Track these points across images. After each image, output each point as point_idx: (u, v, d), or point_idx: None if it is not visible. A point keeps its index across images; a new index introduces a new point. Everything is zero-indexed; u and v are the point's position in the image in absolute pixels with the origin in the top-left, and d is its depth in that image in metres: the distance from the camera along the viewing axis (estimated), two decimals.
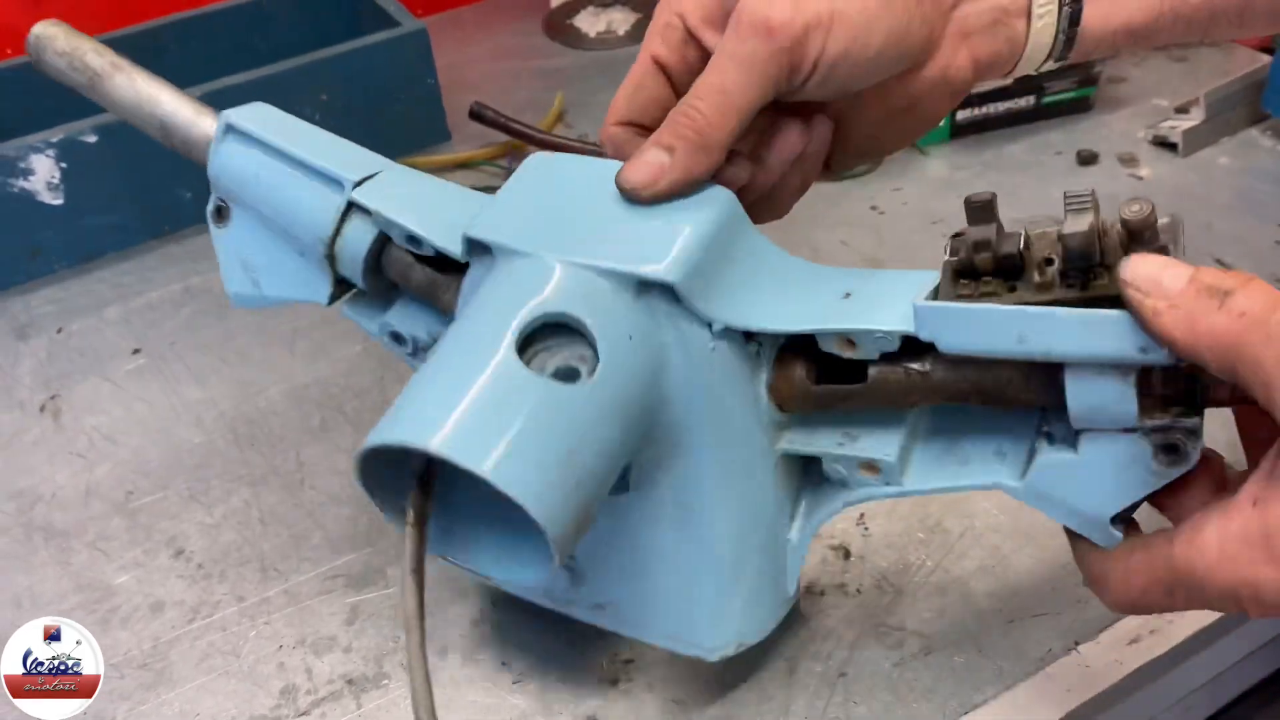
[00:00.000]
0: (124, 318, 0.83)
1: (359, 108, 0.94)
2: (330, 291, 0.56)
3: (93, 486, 0.69)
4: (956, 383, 0.44)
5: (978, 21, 0.51)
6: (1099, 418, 0.40)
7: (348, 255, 0.54)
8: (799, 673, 0.54)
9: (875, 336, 0.44)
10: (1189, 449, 0.39)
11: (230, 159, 0.58)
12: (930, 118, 0.54)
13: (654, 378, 0.45)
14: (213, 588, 0.62)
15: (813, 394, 0.47)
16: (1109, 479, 0.41)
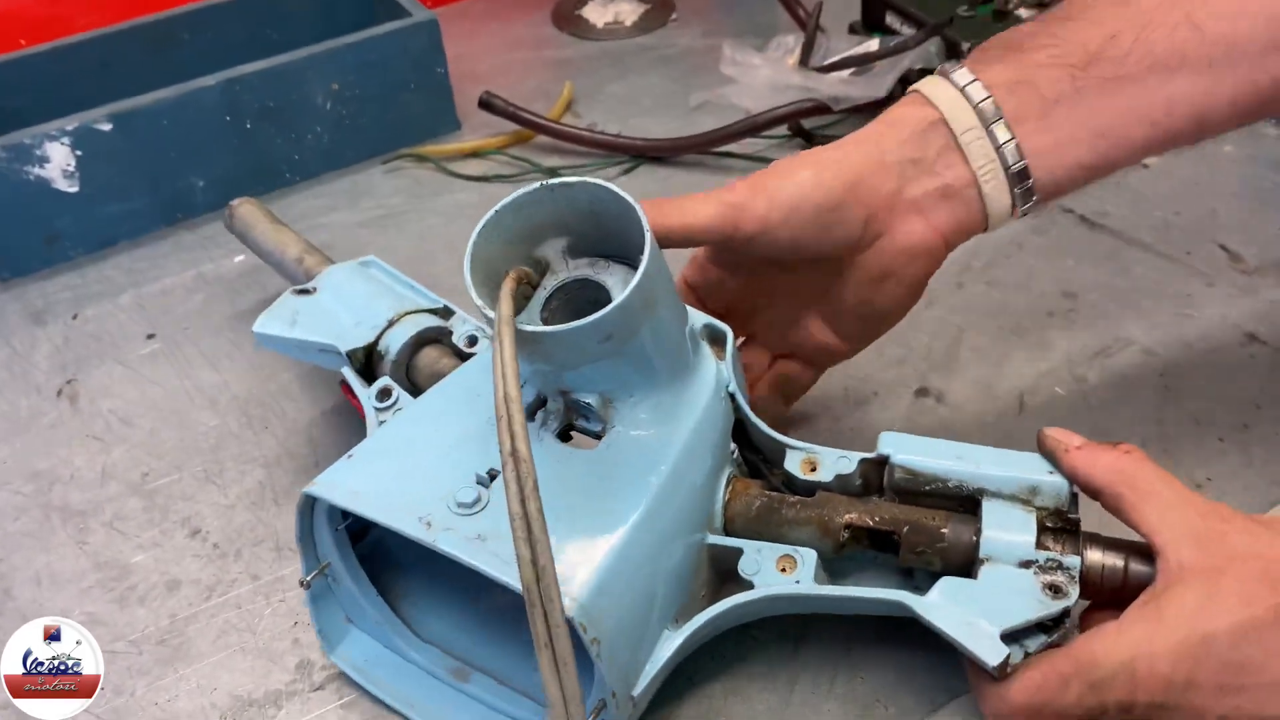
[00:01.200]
0: (138, 303, 0.84)
1: (370, 97, 0.94)
2: (357, 348, 0.63)
3: (109, 468, 0.70)
4: (892, 509, 0.51)
5: (926, 200, 0.55)
6: (1005, 540, 0.49)
7: (403, 329, 0.63)
8: (804, 648, 0.55)
9: (839, 456, 0.53)
10: (1069, 589, 0.47)
11: None
12: (911, 279, 0.57)
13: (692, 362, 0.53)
14: (228, 566, 0.63)
15: (764, 496, 0.53)
16: (1003, 599, 0.48)
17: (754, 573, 0.50)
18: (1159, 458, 0.63)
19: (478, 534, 0.46)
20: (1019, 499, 0.50)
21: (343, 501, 0.49)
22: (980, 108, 0.54)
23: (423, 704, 0.54)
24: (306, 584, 0.53)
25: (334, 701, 0.55)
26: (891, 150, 0.55)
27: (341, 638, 0.56)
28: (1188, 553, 0.46)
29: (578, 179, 0.47)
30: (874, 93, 0.91)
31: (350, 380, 0.62)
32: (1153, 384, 0.68)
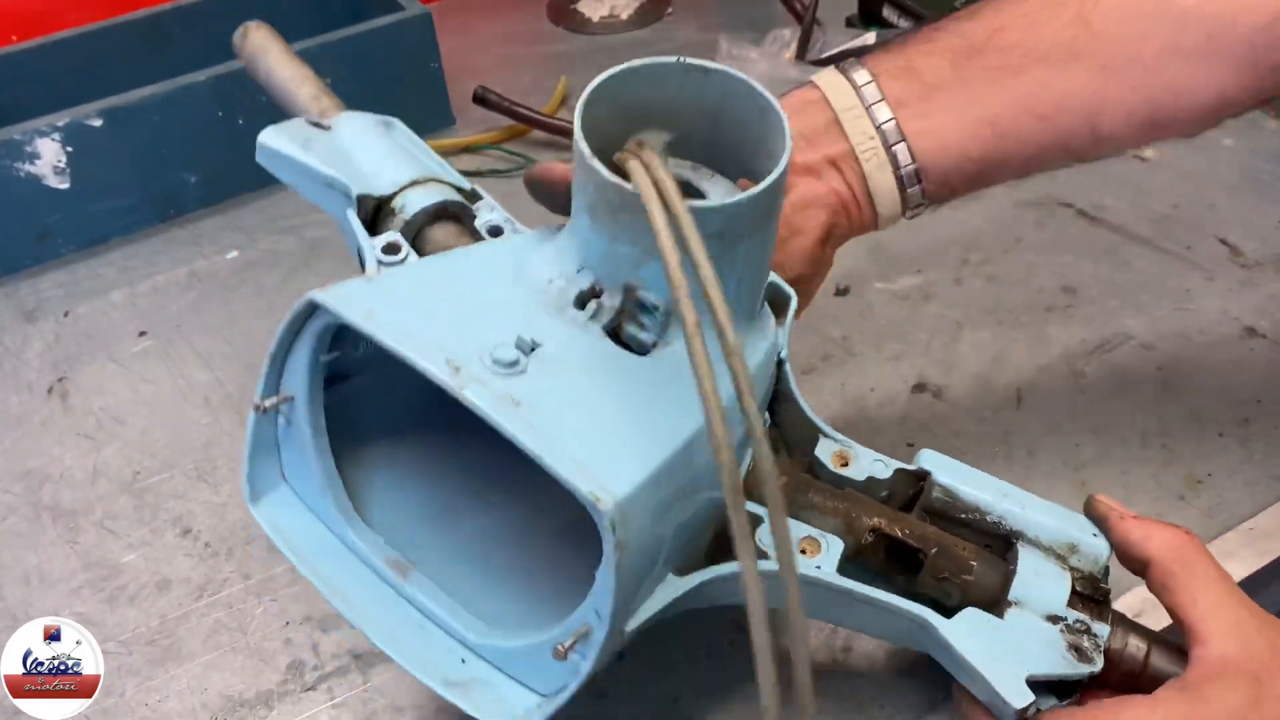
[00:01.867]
0: (130, 300, 0.83)
1: (363, 92, 0.93)
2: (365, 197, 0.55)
3: (100, 467, 0.69)
4: (922, 526, 0.48)
5: (815, 166, 0.54)
6: (1039, 586, 0.47)
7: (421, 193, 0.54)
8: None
9: (875, 459, 0.50)
10: (1093, 655, 0.46)
11: None
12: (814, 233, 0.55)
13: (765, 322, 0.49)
14: (219, 565, 0.62)
15: (791, 476, 0.49)
16: (1028, 646, 0.45)
17: (771, 545, 0.45)
18: (1158, 453, 0.63)
19: (512, 396, 0.39)
20: (1055, 553, 0.48)
21: (357, 319, 0.40)
22: (862, 90, 0.54)
23: (349, 594, 0.47)
24: (261, 408, 0.46)
25: (325, 702, 0.55)
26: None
27: (269, 491, 0.49)
28: (1233, 648, 0.43)
29: (716, 65, 0.42)
30: None
31: (354, 226, 0.54)
32: (1152, 379, 0.68)
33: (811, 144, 0.55)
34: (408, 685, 0.55)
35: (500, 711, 0.43)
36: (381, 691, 0.55)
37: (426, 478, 0.42)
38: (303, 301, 0.43)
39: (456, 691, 0.44)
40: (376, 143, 0.60)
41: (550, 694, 0.43)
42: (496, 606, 0.47)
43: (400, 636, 0.46)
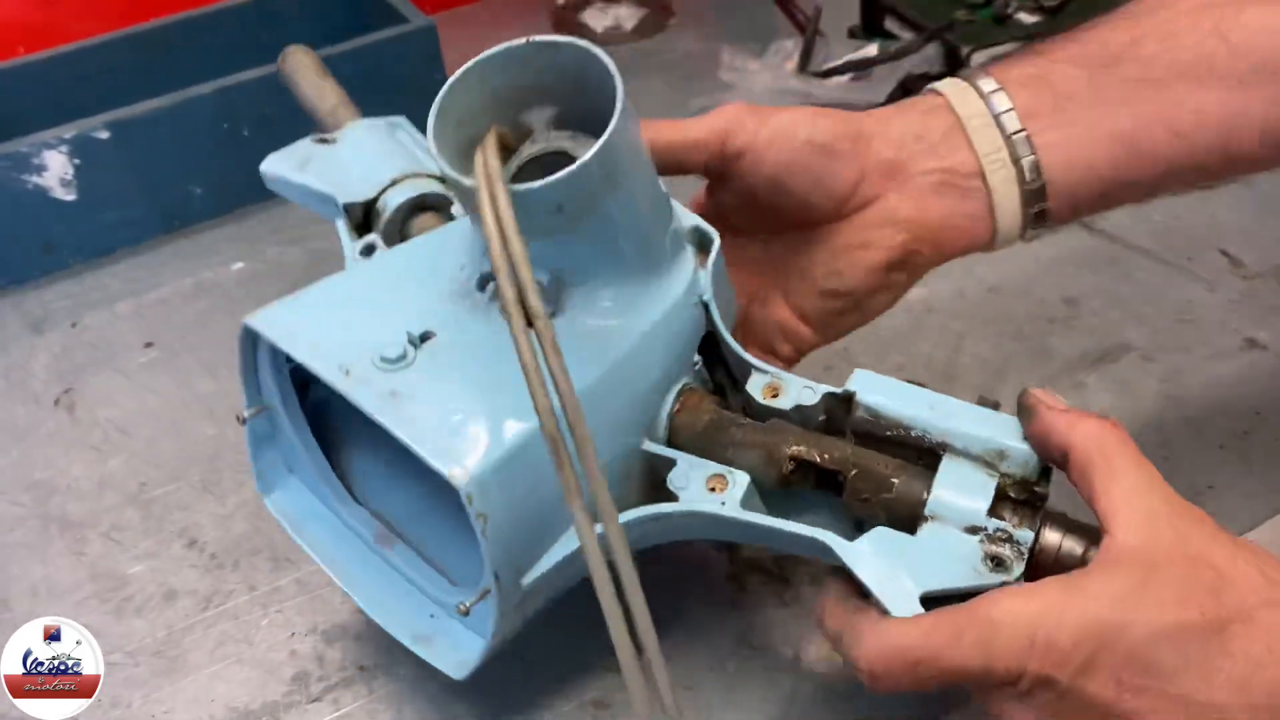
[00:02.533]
0: (137, 312, 0.84)
1: (368, 104, 0.94)
2: (355, 202, 0.62)
3: (107, 478, 0.70)
4: (843, 447, 0.48)
5: (924, 183, 0.53)
6: (956, 502, 0.45)
7: (402, 190, 0.62)
8: (805, 660, 0.55)
9: (804, 385, 0.50)
10: (1012, 563, 0.44)
11: None
12: (886, 255, 0.54)
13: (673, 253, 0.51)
14: (225, 577, 0.62)
15: (713, 411, 0.50)
16: (934, 563, 0.44)
17: (682, 487, 0.48)
18: (1160, 465, 0.63)
19: (392, 390, 0.45)
20: (984, 460, 0.47)
21: (273, 336, 0.48)
22: (990, 98, 0.52)
23: (344, 565, 0.54)
24: (243, 420, 0.53)
25: (331, 713, 0.55)
26: (896, 125, 0.53)
27: (278, 484, 0.56)
28: (1137, 538, 0.41)
29: (565, 38, 0.44)
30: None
31: (340, 233, 0.61)
32: (1153, 390, 0.68)
33: (931, 151, 0.53)
34: (412, 697, 0.55)
35: (450, 660, 0.50)
36: (386, 703, 0.55)
37: (403, 451, 0.45)
38: (241, 328, 0.50)
39: (420, 644, 0.51)
40: (373, 148, 0.64)
41: (486, 637, 0.48)
42: (470, 560, 0.50)
43: (382, 599, 0.53)
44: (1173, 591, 0.39)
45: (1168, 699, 0.39)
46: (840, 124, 0.53)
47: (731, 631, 0.57)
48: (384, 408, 0.45)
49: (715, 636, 0.56)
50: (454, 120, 0.44)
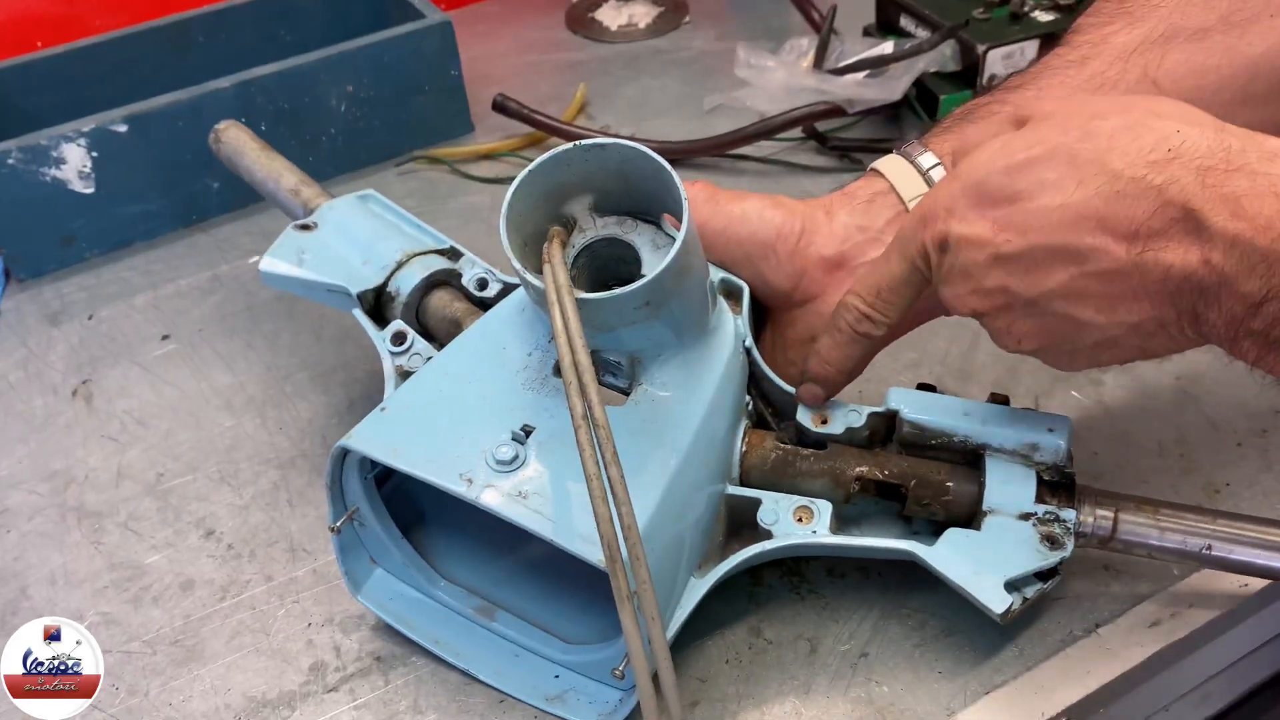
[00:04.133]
0: (154, 304, 0.84)
1: (384, 99, 0.95)
2: (366, 290, 0.63)
3: (124, 469, 0.70)
4: (900, 462, 0.54)
5: None
6: (1007, 492, 0.52)
7: (413, 270, 0.64)
8: (820, 652, 0.55)
9: (849, 410, 0.55)
10: (1064, 540, 0.51)
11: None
12: None
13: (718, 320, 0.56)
14: (242, 567, 0.63)
15: (778, 449, 0.55)
16: (1004, 552, 0.51)
17: (773, 522, 0.53)
18: (1176, 462, 0.64)
19: (519, 491, 0.48)
20: (1019, 455, 0.53)
21: (383, 457, 0.50)
22: (929, 174, 0.56)
23: (450, 642, 0.56)
24: (336, 529, 0.55)
25: (347, 703, 0.55)
26: (840, 218, 0.57)
27: (366, 578, 0.58)
28: (1041, 107, 0.46)
29: (610, 139, 0.48)
30: (889, 95, 0.91)
31: (362, 323, 0.63)
32: (1170, 388, 0.68)
33: (876, 240, 0.56)
34: (428, 687, 0.55)
35: (592, 712, 0.53)
36: (403, 693, 0.55)
37: (486, 527, 0.49)
38: (336, 450, 0.52)
39: (556, 704, 0.53)
40: (360, 228, 0.67)
41: (627, 689, 0.52)
42: (573, 620, 0.56)
43: (501, 669, 0.55)
44: (1037, 136, 0.45)
45: (1032, 212, 0.44)
46: (787, 219, 0.56)
47: (746, 624, 0.57)
48: (516, 509, 0.48)
49: (730, 629, 0.56)
50: (514, 226, 0.48)
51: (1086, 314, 0.44)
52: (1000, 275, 0.46)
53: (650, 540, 0.47)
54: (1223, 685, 0.69)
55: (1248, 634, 0.63)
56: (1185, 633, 0.55)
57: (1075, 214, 0.43)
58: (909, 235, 0.49)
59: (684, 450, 0.50)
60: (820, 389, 0.55)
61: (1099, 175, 0.42)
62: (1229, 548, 0.52)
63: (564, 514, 0.48)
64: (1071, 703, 0.52)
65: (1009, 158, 0.45)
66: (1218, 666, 0.65)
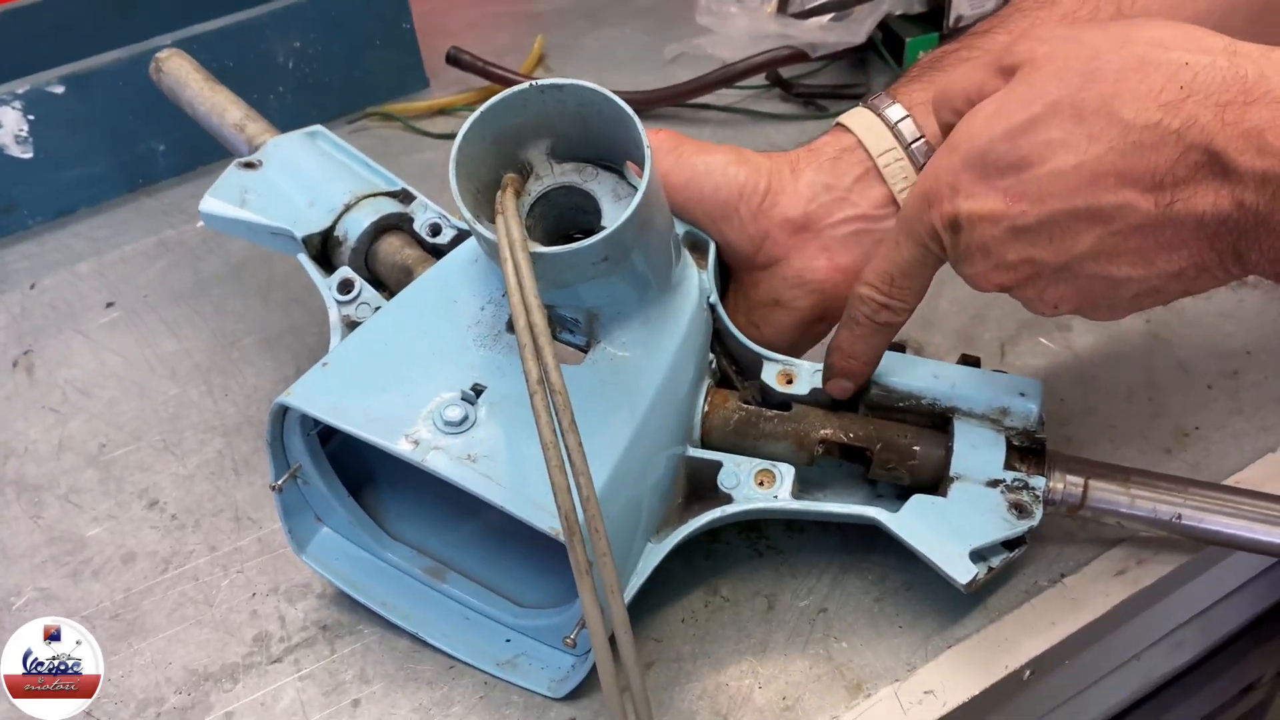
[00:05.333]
0: (98, 271, 0.81)
1: (334, 55, 0.91)
2: (313, 234, 0.60)
3: (66, 440, 0.68)
4: (865, 424, 0.52)
5: (835, 233, 0.54)
6: (975, 457, 0.50)
7: (362, 213, 0.61)
8: (778, 609, 0.53)
9: (815, 370, 0.53)
10: (1033, 508, 0.49)
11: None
12: (801, 314, 0.55)
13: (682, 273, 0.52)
14: (185, 538, 0.61)
15: (741, 409, 0.53)
16: (970, 520, 0.49)
17: (733, 486, 0.51)
18: (1146, 406, 0.62)
19: (467, 454, 0.46)
20: (989, 419, 0.51)
21: (324, 415, 0.48)
22: (898, 128, 0.53)
23: (398, 604, 0.54)
24: (278, 488, 0.52)
25: (292, 674, 0.53)
26: (807, 176, 0.54)
27: (311, 538, 0.56)
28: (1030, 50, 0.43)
29: (567, 80, 0.45)
30: (853, 38, 0.88)
31: (308, 269, 0.60)
32: (1139, 331, 0.66)
33: (843, 200, 0.53)
34: (375, 656, 0.54)
35: (544, 679, 0.51)
36: (349, 662, 0.54)
37: (436, 487, 0.47)
38: (275, 406, 0.49)
39: (507, 669, 0.52)
40: (307, 167, 0.63)
41: (580, 655, 0.50)
42: (526, 584, 0.54)
43: (451, 633, 0.53)
44: (1035, 89, 0.42)
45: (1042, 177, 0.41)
46: (751, 176, 0.54)
47: (703, 582, 0.55)
48: (465, 473, 0.45)
49: (687, 587, 0.55)
50: (465, 172, 0.45)
51: (1122, 271, 0.42)
52: (1022, 248, 0.43)
53: (606, 506, 0.45)
54: (1195, 633, 0.68)
55: (1218, 580, 0.62)
56: (1152, 580, 0.53)
57: (1092, 173, 0.40)
58: (914, 216, 0.46)
59: (643, 412, 0.48)
60: (848, 382, 0.52)
61: (1110, 127, 0.39)
62: (1199, 516, 0.51)
63: (517, 479, 0.45)
64: (1036, 654, 0.51)
65: (1008, 120, 0.42)
66: (1189, 614, 0.64)
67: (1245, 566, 0.65)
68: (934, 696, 0.49)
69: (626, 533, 0.48)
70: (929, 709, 0.49)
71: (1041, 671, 0.51)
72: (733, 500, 0.51)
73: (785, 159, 0.55)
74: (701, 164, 0.54)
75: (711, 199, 0.54)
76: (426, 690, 0.52)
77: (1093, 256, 0.42)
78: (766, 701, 0.50)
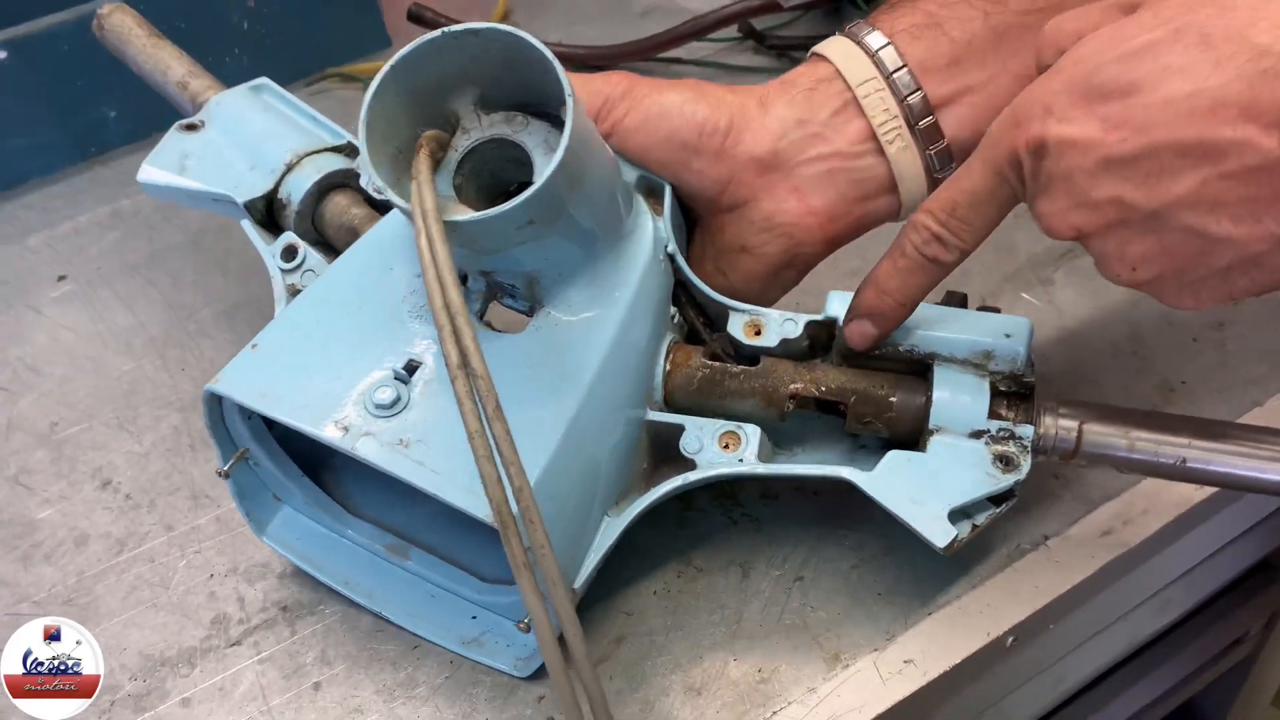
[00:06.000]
0: (49, 244, 0.79)
1: (291, 13, 0.88)
2: (255, 198, 0.58)
3: (15, 419, 0.65)
4: (838, 377, 0.49)
5: (808, 173, 0.50)
6: (956, 407, 0.47)
7: (305, 173, 0.57)
8: (753, 578, 0.52)
9: (785, 319, 0.49)
10: (1020, 460, 0.46)
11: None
12: (770, 261, 0.52)
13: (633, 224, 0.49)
14: (141, 518, 0.59)
15: (705, 367, 0.49)
16: (951, 475, 0.46)
17: (696, 450, 0.48)
18: (1130, 361, 0.60)
19: (399, 439, 0.44)
20: (972, 364, 0.48)
21: (250, 401, 0.46)
22: (878, 56, 0.49)
23: (361, 582, 0.52)
24: (224, 473, 0.50)
25: (251, 657, 0.52)
26: (777, 110, 0.50)
27: (271, 518, 0.53)
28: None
29: (486, 24, 0.41)
30: None
31: (252, 237, 0.57)
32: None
33: (818, 136, 0.50)
34: (337, 636, 0.52)
35: (510, 657, 0.49)
36: (310, 644, 0.52)
37: None
38: (205, 394, 0.47)
39: (473, 648, 0.49)
40: (249, 127, 0.60)
41: None
42: (489, 558, 0.51)
43: (415, 611, 0.51)
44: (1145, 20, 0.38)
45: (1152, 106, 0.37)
46: (712, 114, 0.50)
47: (676, 552, 0.53)
48: (397, 460, 0.43)
49: (660, 557, 0.53)
50: (380, 133, 0.42)
51: (1221, 227, 0.37)
52: (1112, 183, 0.38)
53: (551, 486, 0.43)
54: (1182, 591, 0.67)
55: (1204, 538, 0.61)
56: (1138, 541, 0.52)
57: (1211, 101, 0.35)
58: (996, 140, 0.41)
59: (588, 383, 0.45)
60: (872, 325, 0.47)
61: (1241, 53, 0.35)
62: (1207, 459, 0.46)
63: (452, 464, 0.43)
64: (1019, 620, 0.49)
65: (1123, 44, 0.37)
66: (1175, 573, 0.63)
67: (1233, 523, 0.64)
68: (914, 666, 0.48)
69: (578, 511, 0.46)
70: (909, 679, 0.47)
71: (1025, 637, 0.50)
72: (696, 466, 0.48)
73: (753, 93, 0.51)
74: (656, 105, 0.50)
75: (669, 142, 0.50)
76: (390, 671, 0.50)
77: (1191, 204, 0.37)
78: (742, 674, 0.48)
